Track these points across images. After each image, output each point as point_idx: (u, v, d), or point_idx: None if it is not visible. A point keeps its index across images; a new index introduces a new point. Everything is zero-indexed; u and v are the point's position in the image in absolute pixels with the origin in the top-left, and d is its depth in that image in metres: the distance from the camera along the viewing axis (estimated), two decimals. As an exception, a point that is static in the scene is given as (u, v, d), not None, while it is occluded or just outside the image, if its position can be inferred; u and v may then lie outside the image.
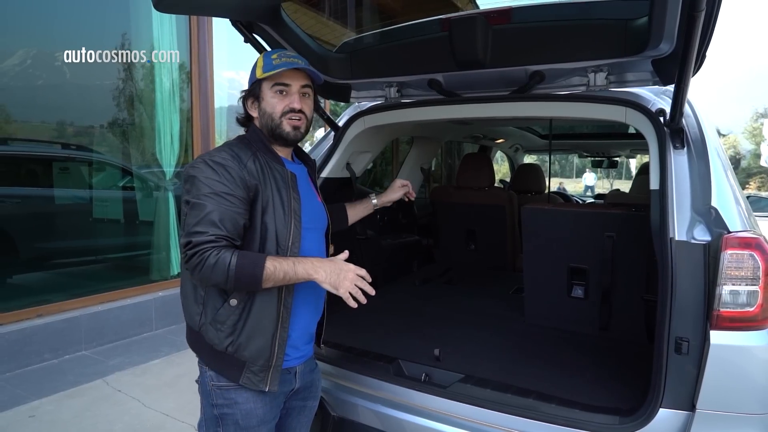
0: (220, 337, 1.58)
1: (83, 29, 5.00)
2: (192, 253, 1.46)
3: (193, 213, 1.50)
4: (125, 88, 5.36)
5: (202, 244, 1.46)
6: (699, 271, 1.69)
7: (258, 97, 1.71)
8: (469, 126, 4.48)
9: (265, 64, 1.67)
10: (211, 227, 1.48)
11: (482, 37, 2.14)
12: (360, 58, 2.53)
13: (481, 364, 2.29)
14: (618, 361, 2.37)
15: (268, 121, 1.69)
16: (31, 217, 4.81)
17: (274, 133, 1.70)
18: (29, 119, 4.84)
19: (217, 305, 1.58)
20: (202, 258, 1.45)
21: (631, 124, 2.11)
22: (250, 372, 1.60)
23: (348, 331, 2.57)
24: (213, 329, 1.58)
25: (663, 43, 1.79)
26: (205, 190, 1.51)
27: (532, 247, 2.92)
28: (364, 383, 2.19)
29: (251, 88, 1.73)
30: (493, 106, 2.43)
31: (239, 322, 1.58)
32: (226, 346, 1.58)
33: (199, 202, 1.50)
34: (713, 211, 1.71)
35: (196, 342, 1.66)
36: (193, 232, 1.48)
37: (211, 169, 1.54)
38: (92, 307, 4.70)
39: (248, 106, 1.75)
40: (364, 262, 3.37)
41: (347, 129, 2.74)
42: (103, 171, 5.51)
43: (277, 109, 1.68)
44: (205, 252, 1.45)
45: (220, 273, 1.45)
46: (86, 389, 3.85)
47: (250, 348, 1.58)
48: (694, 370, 1.67)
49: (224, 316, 1.57)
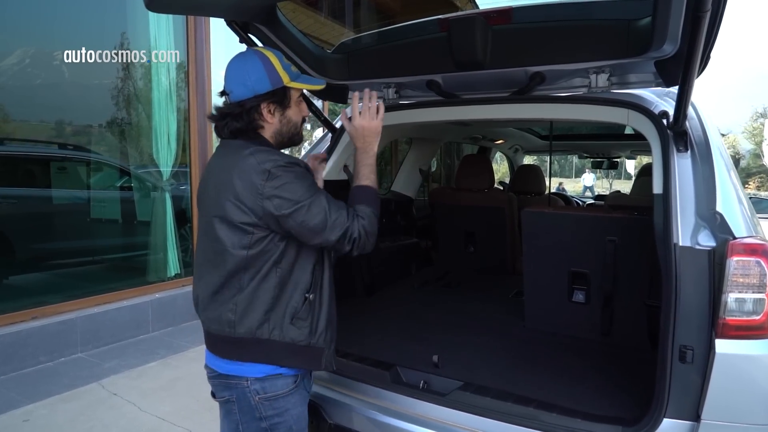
0: (305, 333, 1.63)
1: (79, 29, 4.96)
2: (355, 237, 1.57)
3: (315, 212, 1.53)
4: (122, 88, 5.33)
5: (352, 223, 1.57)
6: (704, 277, 1.65)
7: (285, 104, 1.66)
8: (468, 127, 4.44)
9: (286, 69, 1.63)
10: (340, 208, 1.59)
11: (482, 38, 2.10)
12: (357, 59, 2.49)
13: (480, 370, 2.25)
14: (620, 368, 2.33)
15: (291, 129, 1.69)
16: (26, 217, 4.77)
17: (291, 141, 1.71)
18: (23, 119, 4.81)
19: (294, 305, 1.61)
20: (362, 231, 1.58)
21: (634, 127, 2.07)
22: (327, 356, 1.69)
23: (344, 336, 2.52)
24: (294, 328, 1.61)
25: (667, 44, 1.75)
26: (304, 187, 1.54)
27: (533, 251, 2.88)
28: (361, 390, 2.16)
29: (273, 93, 1.62)
30: (493, 107, 2.40)
31: (315, 313, 1.65)
32: (309, 339, 1.64)
33: (311, 201, 1.53)
34: (718, 216, 1.67)
35: (264, 349, 1.61)
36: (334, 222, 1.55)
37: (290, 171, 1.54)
38: (88, 309, 4.65)
39: (265, 111, 1.63)
40: (361, 266, 3.41)
41: (344, 131, 2.69)
42: (99, 171, 5.48)
43: (300, 118, 1.72)
44: (358, 224, 1.58)
45: (374, 222, 1.63)
46: (81, 393, 3.81)
47: (327, 334, 1.68)
48: (699, 380, 1.63)
49: (305, 312, 1.62)
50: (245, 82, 1.59)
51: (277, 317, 1.59)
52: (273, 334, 1.59)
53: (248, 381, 1.61)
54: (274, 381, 1.63)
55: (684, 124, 1.88)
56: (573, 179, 31.62)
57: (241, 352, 1.61)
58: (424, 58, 2.34)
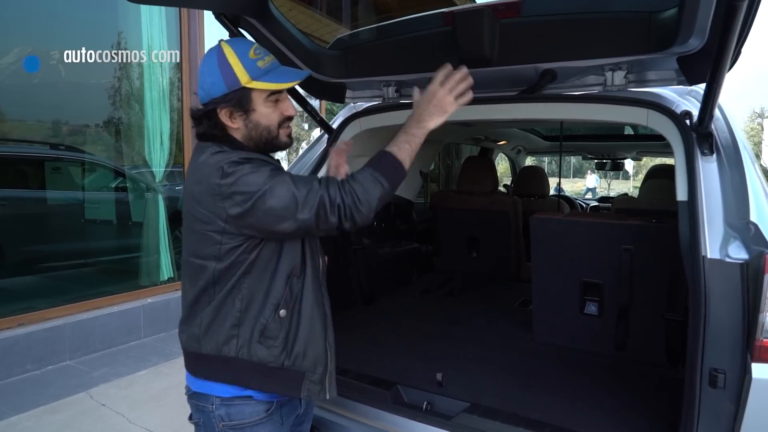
0: (275, 354, 1.44)
1: (71, 28, 4.88)
2: (339, 204, 1.34)
3: (279, 194, 1.33)
4: (115, 88, 5.24)
5: (328, 190, 1.35)
6: (736, 294, 1.50)
7: (246, 108, 1.44)
8: (470, 128, 4.30)
9: (246, 66, 1.39)
10: (310, 181, 1.37)
11: (489, 32, 1.95)
12: (355, 56, 2.35)
13: (488, 390, 2.11)
14: (638, 388, 2.19)
15: (263, 134, 1.47)
16: (14, 219, 4.67)
17: (266, 146, 1.49)
18: (12, 119, 4.70)
19: (263, 321, 1.43)
20: (348, 196, 1.35)
21: (654, 128, 1.93)
22: (311, 382, 1.50)
23: (343, 351, 2.37)
24: (263, 347, 1.44)
25: (693, 38, 1.61)
26: (261, 174, 1.34)
27: (542, 260, 2.73)
28: (360, 411, 2.01)
29: (235, 96, 1.41)
30: (500, 107, 2.25)
31: (291, 331, 1.46)
32: (283, 361, 1.45)
33: (272, 185, 1.33)
34: (752, 227, 1.53)
35: (230, 369, 1.46)
36: (305, 196, 1.34)
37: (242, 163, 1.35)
38: (77, 314, 4.54)
39: (225, 116, 1.44)
40: (360, 273, 3.27)
41: (342, 131, 2.56)
42: (90, 172, 5.40)
43: (274, 121, 1.47)
44: (341, 190, 1.36)
45: (373, 187, 1.38)
46: (69, 403, 3.69)
47: (308, 357, 1.49)
48: (731, 407, 1.48)
49: (275, 330, 1.44)
50: (203, 85, 1.44)
51: (246, 334, 1.43)
52: (240, 352, 1.43)
53: (213, 405, 1.47)
54: (241, 407, 1.47)
55: (709, 126, 1.74)
56: (571, 179, 31.57)
57: (207, 371, 1.48)
58: (427, 54, 2.18)
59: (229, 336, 1.43)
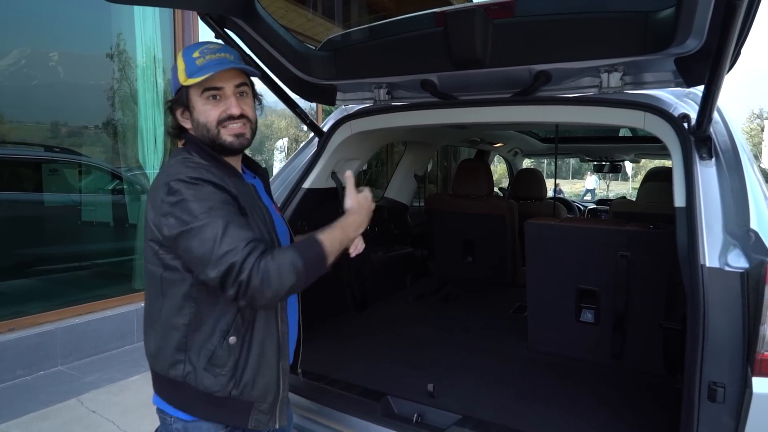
0: (221, 383, 1.36)
1: (64, 30, 4.82)
2: (243, 279, 1.20)
3: (204, 236, 1.23)
4: (107, 90, 5.18)
5: (245, 260, 1.21)
6: (735, 304, 1.45)
7: (187, 105, 1.44)
8: (465, 130, 4.25)
9: (187, 65, 1.39)
10: (238, 241, 1.23)
11: (481, 33, 1.90)
12: (346, 57, 2.30)
13: (481, 401, 2.05)
14: (635, 399, 2.13)
15: (204, 132, 1.42)
16: (6, 222, 4.59)
17: (214, 145, 1.43)
18: (6, 121, 4.63)
19: (210, 348, 1.35)
20: (258, 274, 1.20)
21: (651, 131, 1.88)
22: (259, 412, 1.42)
23: (333, 359, 2.34)
24: (210, 375, 1.36)
25: (691, 38, 1.56)
26: (202, 208, 1.26)
27: (537, 267, 2.67)
28: (348, 423, 1.96)
29: (177, 96, 1.45)
30: (493, 109, 2.21)
31: (240, 360, 1.38)
32: (230, 390, 1.37)
33: (205, 223, 1.24)
34: (752, 235, 1.47)
35: (180, 396, 1.40)
36: (222, 254, 1.21)
37: (192, 186, 1.28)
38: (70, 319, 4.48)
39: (179, 116, 1.47)
40: (352, 279, 3.22)
41: (332, 134, 2.51)
42: (83, 173, 5.32)
43: (212, 118, 1.42)
44: (256, 266, 1.21)
45: (288, 275, 1.23)
46: (59, 410, 3.62)
47: (257, 386, 1.40)
48: (731, 422, 1.43)
49: (223, 359, 1.36)
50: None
51: (194, 359, 1.36)
52: (188, 377, 1.36)
53: (172, 419, 1.42)
54: (198, 423, 1.41)
55: (708, 129, 1.69)
56: (570, 180, 31.54)
57: (159, 389, 1.44)
58: (419, 55, 2.15)
59: (176, 360, 1.37)
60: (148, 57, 5.16)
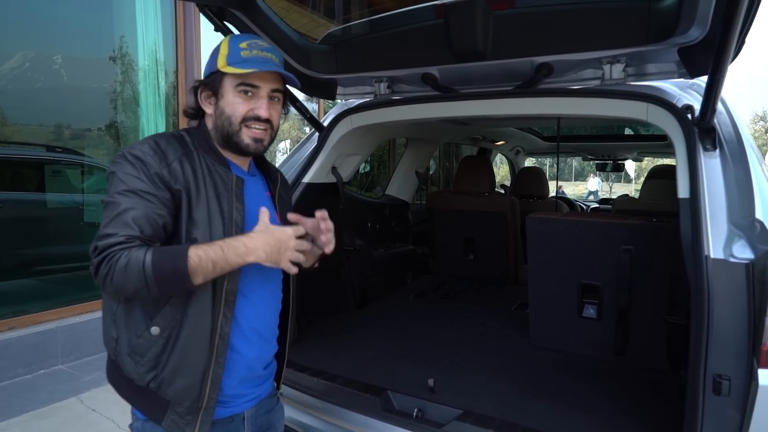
0: (140, 372, 1.32)
1: (67, 32, 4.81)
2: (99, 260, 1.21)
3: (105, 213, 1.26)
4: (110, 92, 5.18)
5: (110, 247, 1.21)
6: (741, 296, 1.42)
7: (216, 92, 1.40)
8: (467, 127, 4.23)
9: (230, 53, 1.37)
10: (123, 228, 1.23)
11: (482, 25, 1.89)
12: (346, 51, 2.29)
13: (481, 396, 2.03)
14: (638, 394, 2.11)
15: (225, 124, 1.39)
16: (9, 222, 4.59)
17: (229, 140, 1.41)
18: (8, 122, 4.63)
19: (135, 334, 1.32)
20: (110, 263, 1.19)
21: (654, 123, 1.86)
22: (175, 414, 1.33)
23: (332, 355, 2.31)
24: (131, 361, 1.32)
25: (694, 27, 1.54)
26: (121, 187, 1.27)
27: (538, 261, 2.65)
28: (347, 418, 1.94)
29: (209, 78, 1.41)
30: (495, 102, 2.19)
31: (163, 354, 1.32)
32: (148, 381, 1.32)
33: (112, 201, 1.26)
34: (757, 225, 1.45)
35: (113, 373, 1.39)
36: (101, 235, 1.23)
37: (129, 163, 1.28)
38: (70, 318, 4.48)
39: (202, 98, 1.44)
40: (353, 276, 3.20)
41: (332, 129, 2.50)
42: (85, 174, 5.31)
43: (239, 113, 1.39)
44: (114, 255, 1.20)
45: (134, 275, 1.19)
46: (58, 408, 3.61)
47: (175, 386, 1.32)
48: (737, 415, 1.40)
49: (144, 348, 1.31)
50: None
51: (123, 340, 1.34)
52: (119, 359, 1.35)
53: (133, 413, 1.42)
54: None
55: (712, 120, 1.67)
56: (572, 182, 31.47)
57: (109, 368, 1.43)
58: (419, 48, 2.14)
59: (112, 338, 1.36)
60: (150, 59, 5.16)
